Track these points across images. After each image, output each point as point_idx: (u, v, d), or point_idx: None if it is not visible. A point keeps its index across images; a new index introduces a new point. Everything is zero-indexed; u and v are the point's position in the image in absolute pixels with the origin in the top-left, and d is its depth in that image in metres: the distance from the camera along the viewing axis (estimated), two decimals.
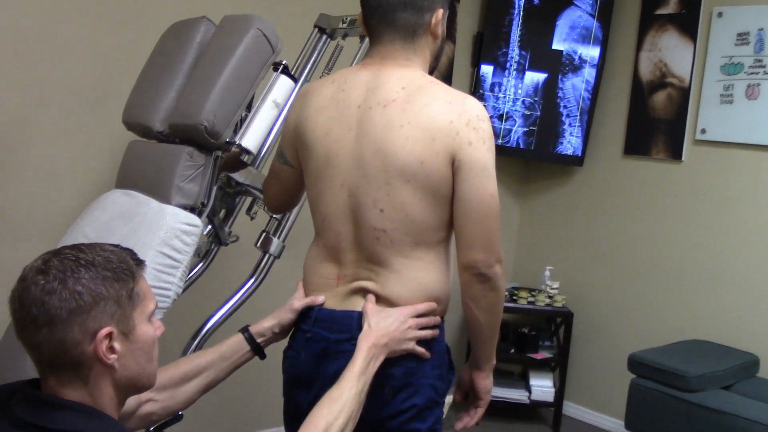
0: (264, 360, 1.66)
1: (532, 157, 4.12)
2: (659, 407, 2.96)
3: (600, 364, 4.01)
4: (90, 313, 1.09)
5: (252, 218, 2.22)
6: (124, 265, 1.16)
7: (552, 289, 3.98)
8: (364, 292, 1.55)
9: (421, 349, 1.53)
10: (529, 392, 3.94)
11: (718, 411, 2.80)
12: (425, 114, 1.47)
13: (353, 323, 1.52)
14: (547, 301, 3.93)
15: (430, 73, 1.61)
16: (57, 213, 2.48)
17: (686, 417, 2.87)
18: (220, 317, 2.01)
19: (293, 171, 1.70)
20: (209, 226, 2.05)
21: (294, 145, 1.66)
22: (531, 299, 3.93)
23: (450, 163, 1.47)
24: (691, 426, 2.85)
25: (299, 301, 1.64)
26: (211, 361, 1.57)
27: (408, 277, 1.54)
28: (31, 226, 2.50)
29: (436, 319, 1.57)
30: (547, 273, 4.04)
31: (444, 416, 1.70)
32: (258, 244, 2.07)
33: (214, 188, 1.94)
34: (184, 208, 1.86)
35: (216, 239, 2.13)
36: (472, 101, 1.51)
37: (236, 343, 1.61)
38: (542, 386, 3.95)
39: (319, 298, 1.61)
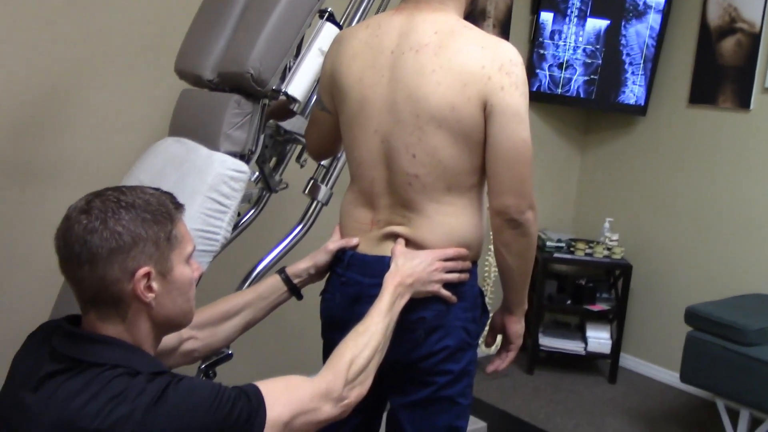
0: (301, 301, 1.70)
1: (593, 106, 4.03)
2: (715, 361, 2.92)
3: (658, 317, 3.96)
4: (129, 253, 1.14)
5: (302, 166, 2.25)
6: (163, 208, 1.20)
7: (611, 241, 3.93)
8: (395, 237, 1.58)
9: (446, 293, 1.56)
10: (586, 344, 3.93)
11: None
12: (457, 59, 1.46)
13: (384, 268, 1.55)
14: (606, 253, 3.88)
15: (467, 18, 1.59)
16: (116, 160, 2.57)
17: (743, 371, 2.82)
18: (269, 262, 2.06)
19: (331, 117, 1.72)
20: (257, 173, 2.08)
21: (330, 92, 1.67)
22: (589, 251, 3.89)
23: (482, 109, 1.47)
24: (748, 380, 2.80)
25: (334, 243, 1.68)
26: (249, 301, 1.63)
27: (439, 222, 1.56)
28: (91, 173, 2.60)
29: (466, 264, 1.58)
30: (607, 225, 3.99)
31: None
32: (306, 191, 2.11)
33: (262, 136, 1.97)
34: (233, 154, 1.90)
35: (266, 186, 2.17)
36: (506, 45, 1.50)
37: (273, 283, 1.67)
38: (599, 338, 3.94)
39: (353, 241, 1.64)
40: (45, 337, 1.20)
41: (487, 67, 1.46)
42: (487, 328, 1.77)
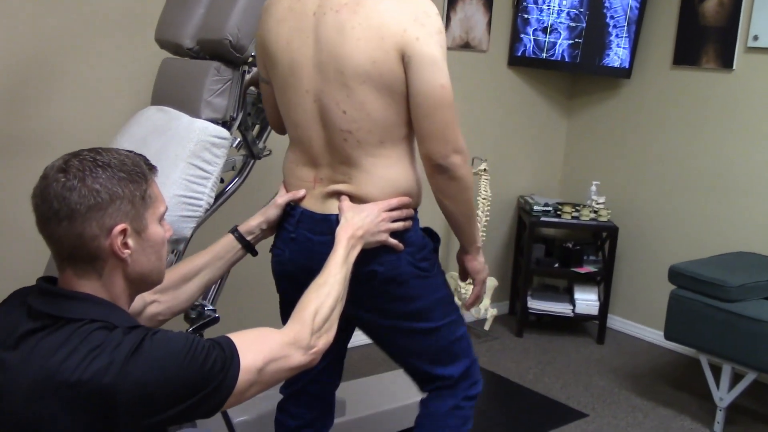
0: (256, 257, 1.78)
1: (577, 70, 4.05)
2: (698, 317, 2.97)
3: (644, 278, 4.01)
4: (107, 210, 1.17)
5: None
6: (137, 168, 1.23)
7: (598, 204, 3.96)
8: (339, 195, 1.65)
9: (393, 241, 1.65)
10: (574, 306, 3.99)
11: (758, 320, 2.79)
12: (375, 14, 1.52)
13: (332, 225, 1.63)
14: (592, 216, 3.92)
15: None
16: (100, 129, 2.60)
17: (725, 326, 2.88)
18: None
19: (272, 88, 1.76)
20: (239, 140, 2.10)
21: (263, 60, 1.73)
22: (575, 214, 3.93)
23: (401, 60, 1.53)
24: (731, 335, 2.86)
25: (282, 198, 1.75)
26: (206, 262, 1.68)
27: (377, 175, 1.63)
28: (75, 142, 2.59)
29: (409, 212, 1.67)
30: (593, 188, 4.02)
31: (488, 326, 1.83)
32: None
33: (243, 101, 1.99)
34: (214, 121, 1.92)
35: (249, 153, 2.19)
36: None
37: (228, 242, 1.72)
38: (587, 300, 3.99)
39: (299, 193, 1.72)
40: (22, 298, 1.23)
41: (402, 20, 1.52)
42: (489, 288, 1.88)
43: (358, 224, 1.58)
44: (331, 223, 1.65)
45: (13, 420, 1.12)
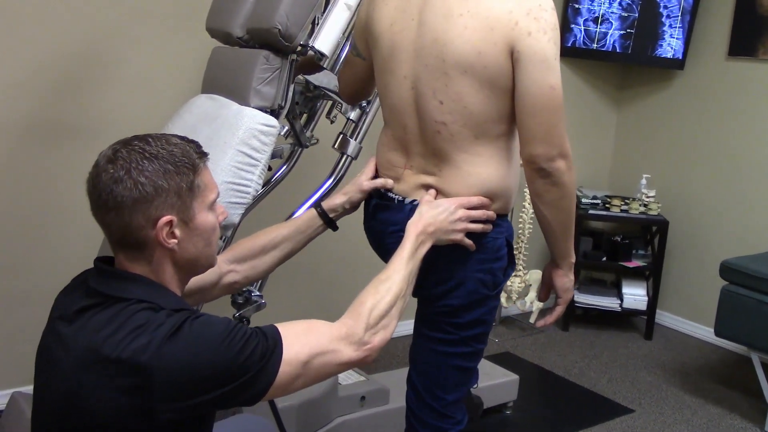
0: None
1: (629, 61, 3.98)
2: (750, 314, 2.90)
3: (695, 273, 3.94)
4: (152, 203, 1.18)
5: (332, 122, 2.29)
6: (186, 159, 1.23)
7: (648, 197, 3.90)
8: (426, 187, 1.60)
9: (468, 241, 1.55)
10: (621, 300, 3.93)
11: None
12: (485, 3, 1.44)
13: (407, 216, 1.56)
14: (642, 209, 3.86)
15: None
16: (152, 118, 2.63)
17: None
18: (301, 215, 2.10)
19: (364, 63, 1.74)
20: (286, 128, 2.12)
21: (364, 38, 1.69)
22: (624, 207, 3.87)
23: (509, 55, 1.44)
24: None
25: (369, 182, 1.70)
26: (287, 234, 1.68)
27: (467, 172, 1.55)
28: (128, 130, 2.63)
29: (490, 214, 1.57)
30: (644, 181, 3.96)
31: (533, 319, 1.73)
32: (336, 146, 2.14)
33: (291, 90, 2.01)
34: (262, 109, 1.94)
35: (297, 141, 2.21)
36: None
37: (310, 218, 1.71)
38: (635, 294, 3.94)
39: (389, 182, 1.67)
40: (84, 278, 1.27)
41: (514, 11, 1.42)
42: (535, 281, 1.78)
43: (431, 220, 1.51)
44: (405, 213, 1.60)
45: (63, 388, 1.16)
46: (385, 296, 1.38)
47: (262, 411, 2.11)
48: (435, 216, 1.52)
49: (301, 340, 1.24)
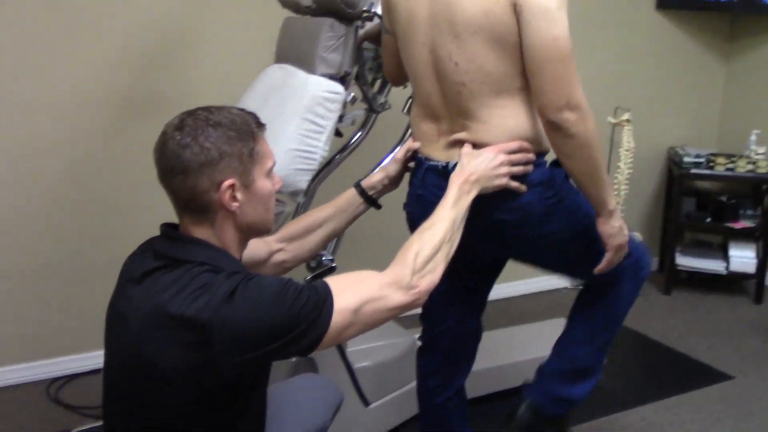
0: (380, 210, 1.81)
1: (738, 10, 3.74)
2: None
3: None
4: (217, 167, 1.27)
5: (404, 87, 2.29)
6: (246, 127, 1.32)
7: (757, 154, 3.68)
8: (461, 143, 1.62)
9: (515, 183, 1.59)
10: (728, 263, 3.76)
11: None
12: None
13: (451, 173, 1.59)
14: (749, 167, 3.65)
15: None
16: (232, 89, 2.73)
17: None
18: None
19: (394, 39, 1.76)
20: (352, 94, 2.14)
21: (387, 12, 1.73)
22: (730, 166, 3.68)
23: (512, 10, 1.47)
24: None
25: (401, 152, 1.76)
26: (330, 214, 1.74)
27: (495, 125, 1.58)
28: (213, 102, 2.78)
29: (530, 156, 1.60)
30: (753, 137, 3.74)
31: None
32: (405, 110, 2.16)
33: (357, 57, 2.03)
34: (329, 77, 1.98)
35: (369, 107, 2.23)
36: None
37: (351, 196, 1.76)
38: (743, 257, 3.75)
39: (415, 144, 1.73)
40: (152, 242, 1.37)
41: None
42: None
43: (473, 169, 1.55)
44: (450, 171, 1.63)
45: (132, 345, 1.25)
46: (429, 242, 1.41)
47: (334, 369, 2.18)
48: (476, 165, 1.55)
49: (351, 289, 1.30)
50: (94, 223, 2.78)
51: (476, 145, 1.61)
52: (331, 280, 1.30)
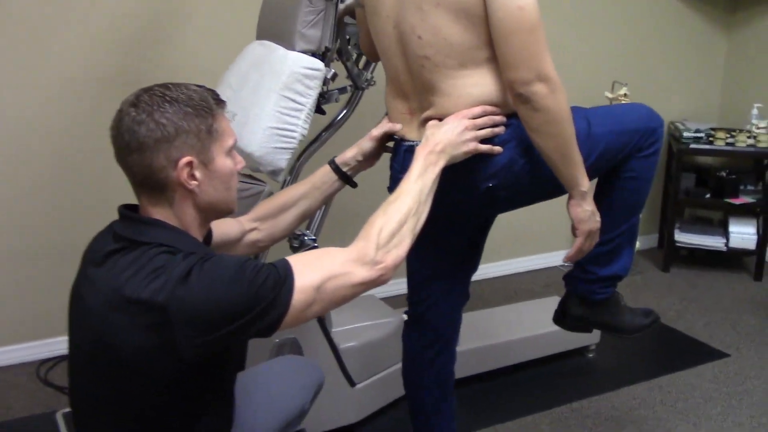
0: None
1: None
2: None
3: None
4: (173, 143, 1.23)
5: None
6: (204, 103, 1.28)
7: (759, 128, 3.62)
8: (428, 121, 1.58)
9: (485, 146, 1.54)
10: (727, 239, 3.71)
11: None
12: None
13: None
14: (750, 141, 3.59)
15: None
16: (222, 70, 2.70)
17: None
18: None
19: (365, 12, 1.71)
20: (333, 71, 2.10)
21: None
22: (730, 140, 3.62)
23: None
24: None
25: (378, 129, 1.72)
26: (304, 192, 1.70)
27: (458, 94, 1.54)
28: (201, 79, 2.75)
29: (498, 118, 1.54)
30: (755, 111, 3.68)
31: None
32: None
33: (338, 33, 1.99)
34: (309, 53, 1.93)
35: (353, 83, 2.19)
36: None
37: (325, 173, 1.72)
38: (743, 233, 3.71)
39: (396, 126, 1.67)
40: (113, 224, 1.33)
41: None
42: None
43: (437, 139, 1.49)
44: None
45: (95, 329, 1.23)
46: (393, 215, 1.37)
47: (319, 350, 2.16)
48: (441, 135, 1.50)
49: (312, 266, 1.26)
50: (82, 205, 2.76)
51: (442, 120, 1.56)
52: (292, 258, 1.27)
